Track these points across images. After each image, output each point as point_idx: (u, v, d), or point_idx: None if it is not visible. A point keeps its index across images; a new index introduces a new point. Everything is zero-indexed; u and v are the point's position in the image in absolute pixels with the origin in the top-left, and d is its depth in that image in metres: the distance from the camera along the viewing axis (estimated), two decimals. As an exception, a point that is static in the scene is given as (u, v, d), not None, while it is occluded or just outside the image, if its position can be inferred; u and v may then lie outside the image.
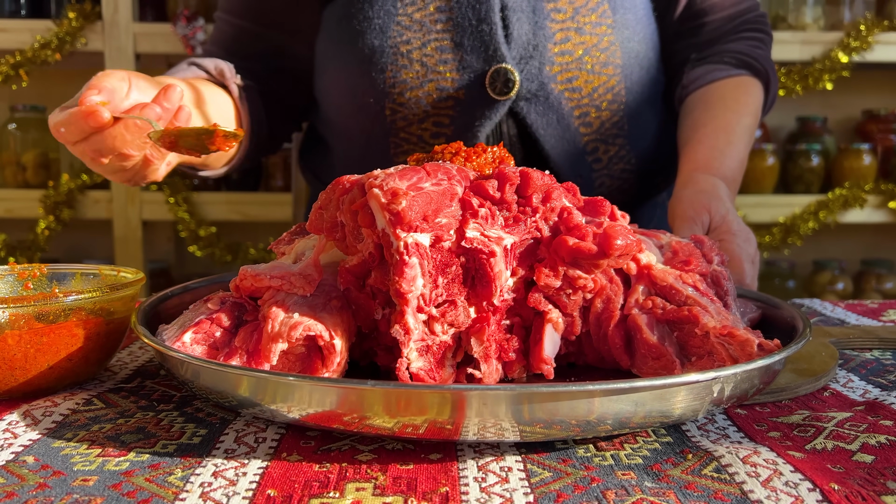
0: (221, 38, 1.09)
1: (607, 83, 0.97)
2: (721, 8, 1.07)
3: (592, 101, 0.98)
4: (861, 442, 0.51)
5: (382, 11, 0.96)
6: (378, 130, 1.00)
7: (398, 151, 1.01)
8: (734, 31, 1.07)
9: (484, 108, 0.96)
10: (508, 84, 0.94)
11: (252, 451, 0.49)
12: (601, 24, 0.96)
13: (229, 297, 0.58)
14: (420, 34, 0.95)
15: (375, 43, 0.96)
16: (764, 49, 1.07)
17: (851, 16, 2.10)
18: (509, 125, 0.98)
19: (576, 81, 0.96)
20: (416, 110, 0.97)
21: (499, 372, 0.57)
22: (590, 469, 0.47)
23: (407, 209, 0.52)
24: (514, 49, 0.95)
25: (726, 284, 0.63)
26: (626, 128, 1.01)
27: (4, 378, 0.57)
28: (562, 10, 0.95)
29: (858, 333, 0.76)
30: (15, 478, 0.45)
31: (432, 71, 0.95)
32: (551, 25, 0.95)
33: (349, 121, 1.03)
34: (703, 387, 0.48)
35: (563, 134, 0.98)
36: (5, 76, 2.00)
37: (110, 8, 1.97)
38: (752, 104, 1.02)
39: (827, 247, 2.33)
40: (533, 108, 0.96)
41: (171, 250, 2.30)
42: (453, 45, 0.95)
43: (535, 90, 0.96)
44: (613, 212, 0.60)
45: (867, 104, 2.28)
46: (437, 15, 0.95)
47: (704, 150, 0.96)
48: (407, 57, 0.95)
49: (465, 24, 0.94)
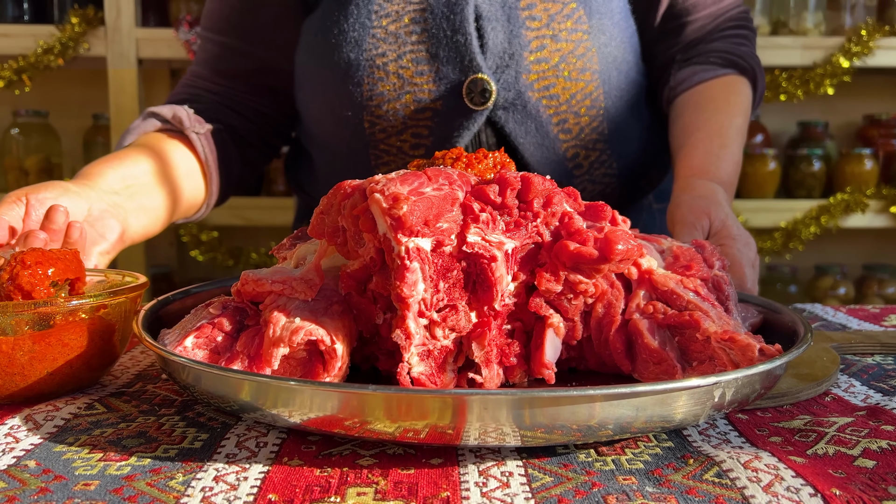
0: (206, 58, 1.08)
1: (585, 89, 0.97)
2: (703, 6, 1.06)
3: (570, 107, 0.97)
4: (862, 447, 0.51)
5: (357, 24, 0.96)
6: (358, 143, 1.00)
7: (379, 163, 1.01)
8: (718, 30, 1.07)
9: (462, 119, 0.96)
10: (485, 94, 0.94)
11: (253, 455, 0.49)
12: (577, 31, 0.96)
13: (231, 302, 0.58)
14: (395, 46, 0.94)
15: (351, 56, 0.96)
16: (749, 45, 1.07)
17: (852, 21, 2.10)
18: (488, 134, 0.98)
19: (553, 89, 0.96)
20: (394, 122, 0.97)
21: (500, 377, 0.57)
22: (591, 474, 0.47)
23: (408, 214, 0.52)
24: (490, 59, 0.94)
25: (727, 289, 0.63)
26: (607, 133, 1.01)
27: (6, 383, 0.57)
28: (537, 17, 0.95)
29: (860, 338, 0.76)
30: (16, 482, 0.45)
31: (409, 83, 0.95)
32: (527, 34, 0.95)
33: (329, 133, 1.04)
34: (705, 392, 0.48)
35: (543, 141, 0.98)
36: (8, 81, 2.00)
37: (113, 13, 1.98)
38: (741, 104, 1.02)
39: (829, 252, 2.33)
40: (511, 117, 0.96)
41: (173, 255, 2.31)
42: (429, 56, 0.95)
43: (512, 99, 0.96)
44: (614, 216, 0.60)
45: (868, 109, 2.28)
46: (412, 27, 0.94)
47: (699, 156, 0.96)
48: (383, 69, 0.95)
49: (439, 35, 0.94)
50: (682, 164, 0.97)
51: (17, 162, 2.10)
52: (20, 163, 2.10)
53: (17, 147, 2.10)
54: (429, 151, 0.98)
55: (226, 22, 1.06)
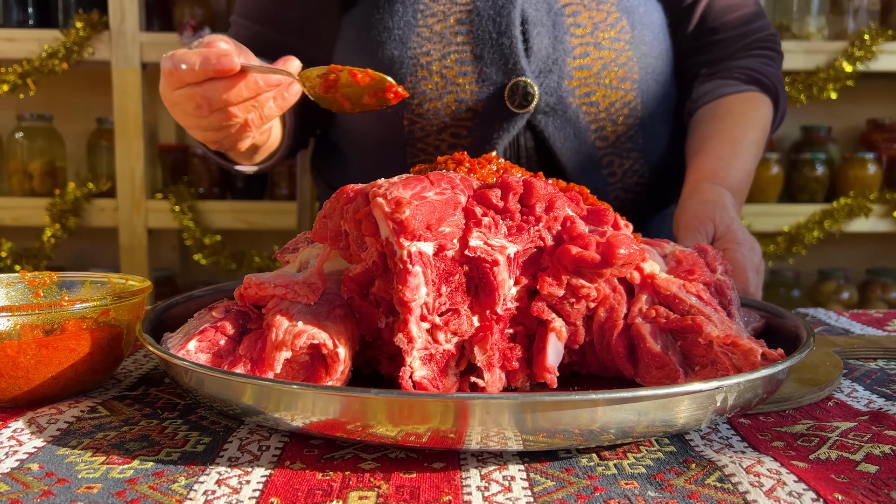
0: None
1: (624, 98, 0.98)
2: (733, 26, 1.07)
3: (609, 115, 0.98)
4: (865, 452, 0.51)
5: (403, 22, 0.96)
6: (394, 140, 1.00)
7: (414, 161, 1.01)
8: (745, 49, 1.08)
9: (502, 121, 0.96)
10: (527, 97, 0.95)
11: (255, 459, 0.49)
12: (619, 40, 0.97)
13: (234, 306, 0.59)
14: (440, 46, 0.95)
15: (395, 53, 0.96)
16: (774, 67, 1.08)
17: (855, 25, 2.10)
18: (527, 138, 0.98)
19: (594, 96, 0.97)
20: (434, 121, 0.97)
21: (502, 381, 0.57)
22: (593, 478, 0.47)
23: (410, 218, 0.52)
24: (534, 63, 0.95)
25: (730, 294, 0.63)
26: (641, 142, 1.02)
27: (10, 386, 0.57)
28: (581, 24, 0.96)
29: (863, 343, 0.76)
30: (20, 485, 0.45)
31: (452, 83, 0.95)
32: (571, 40, 0.95)
33: (365, 129, 1.04)
34: (707, 396, 0.48)
35: (580, 147, 0.99)
36: (13, 85, 2.01)
37: (117, 18, 1.99)
38: (760, 119, 1.03)
39: (832, 256, 2.32)
40: (551, 122, 0.97)
41: (176, 258, 2.31)
42: (473, 57, 0.95)
43: (553, 104, 0.96)
44: (617, 221, 0.60)
45: (872, 113, 2.27)
46: (457, 27, 0.95)
47: (710, 161, 0.97)
48: (427, 68, 0.95)
49: (485, 37, 0.95)
50: (692, 168, 0.98)
51: (21, 165, 2.10)
52: (24, 166, 2.10)
53: (22, 151, 2.10)
54: (468, 152, 0.98)
55: (263, 10, 1.06)
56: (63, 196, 2.04)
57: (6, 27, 2.04)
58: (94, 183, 2.07)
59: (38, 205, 2.06)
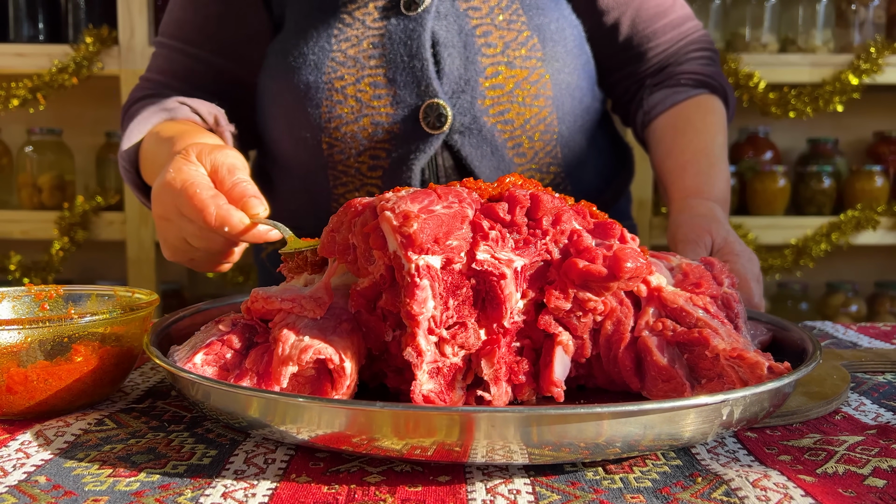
0: (171, 68, 1.05)
1: (539, 114, 0.99)
2: (663, 32, 1.08)
3: (525, 132, 0.99)
4: (873, 466, 0.51)
5: (317, 48, 0.97)
6: (316, 164, 1.01)
7: (336, 183, 1.02)
8: (682, 53, 1.09)
9: (419, 142, 0.97)
10: (441, 118, 0.96)
11: (261, 472, 0.49)
12: (531, 58, 0.98)
13: (240, 319, 0.59)
14: (354, 70, 0.96)
15: (310, 79, 0.97)
16: (715, 66, 1.10)
17: (861, 38, 2.10)
18: (444, 157, 0.99)
19: (508, 114, 0.98)
20: (352, 144, 0.98)
21: (508, 394, 0.57)
22: (599, 492, 0.47)
23: (418, 232, 0.52)
24: (446, 84, 0.96)
25: (737, 307, 0.63)
26: (560, 157, 1.03)
27: (18, 399, 0.58)
28: (492, 44, 0.97)
29: (871, 356, 0.75)
30: (27, 497, 0.46)
31: (367, 106, 0.96)
32: (482, 60, 0.96)
33: (288, 154, 1.04)
34: (713, 409, 0.48)
35: (498, 165, 1.00)
36: (23, 100, 2.03)
37: (126, 32, 2.00)
38: (718, 122, 1.04)
39: (840, 269, 2.31)
40: (467, 141, 0.98)
41: (184, 271, 2.32)
42: (387, 80, 0.96)
43: (468, 123, 0.97)
44: (623, 234, 0.61)
45: (878, 126, 2.27)
46: (370, 51, 0.96)
47: (690, 177, 0.99)
48: (341, 92, 0.96)
49: (397, 61, 0.96)
50: (674, 187, 0.99)
51: (30, 179, 2.12)
52: (34, 180, 2.12)
53: (31, 164, 2.12)
54: (386, 173, 1.00)
55: (203, 32, 1.04)
56: (72, 209, 2.05)
57: (17, 42, 2.06)
58: (103, 196, 2.08)
59: (47, 218, 2.07)
